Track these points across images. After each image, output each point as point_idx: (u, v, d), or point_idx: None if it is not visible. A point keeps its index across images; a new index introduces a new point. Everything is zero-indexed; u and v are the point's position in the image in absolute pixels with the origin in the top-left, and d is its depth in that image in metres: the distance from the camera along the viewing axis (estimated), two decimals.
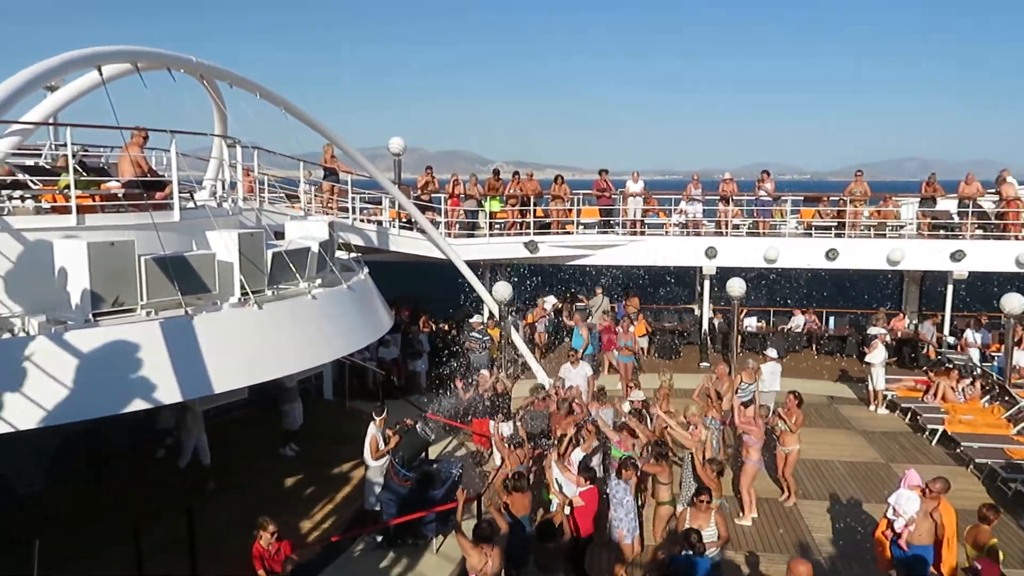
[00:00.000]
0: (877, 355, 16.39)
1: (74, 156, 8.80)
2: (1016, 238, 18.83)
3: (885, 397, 16.62)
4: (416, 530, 10.19)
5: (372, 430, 10.53)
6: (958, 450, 13.60)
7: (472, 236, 19.44)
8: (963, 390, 15.79)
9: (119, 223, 8.72)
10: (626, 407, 11.89)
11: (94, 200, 9.09)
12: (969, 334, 18.19)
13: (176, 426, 12.14)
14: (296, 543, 8.60)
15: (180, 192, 9.65)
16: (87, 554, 8.98)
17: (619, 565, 9.22)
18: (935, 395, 15.84)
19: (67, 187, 8.49)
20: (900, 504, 8.43)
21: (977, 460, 12.83)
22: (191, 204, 10.54)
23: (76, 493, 10.69)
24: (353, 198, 17.19)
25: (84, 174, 9.51)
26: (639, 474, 9.78)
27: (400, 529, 10.08)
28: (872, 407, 16.64)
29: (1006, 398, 15.22)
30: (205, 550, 8.61)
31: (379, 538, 10.18)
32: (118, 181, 9.57)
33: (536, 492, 9.88)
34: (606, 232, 20.07)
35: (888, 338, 19.09)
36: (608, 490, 9.58)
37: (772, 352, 15.31)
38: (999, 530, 10.70)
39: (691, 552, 7.54)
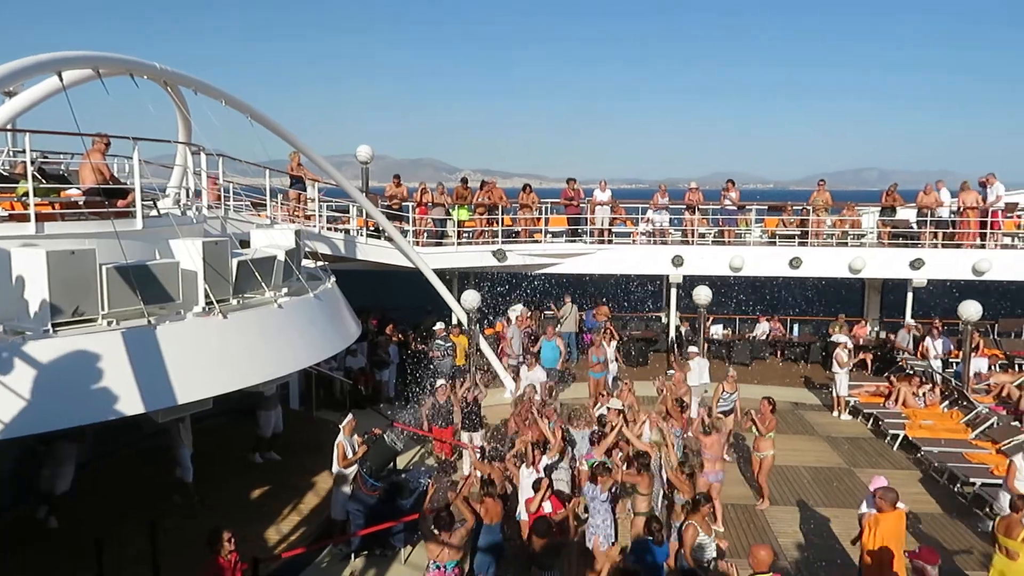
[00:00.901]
0: (839, 362, 16.67)
1: (33, 163, 8.64)
2: (968, 246, 19.28)
3: (848, 403, 16.89)
4: (384, 540, 10.12)
5: (340, 438, 10.46)
6: (918, 455, 13.86)
7: (440, 244, 19.41)
8: (923, 396, 16.12)
9: (80, 231, 8.56)
10: (600, 411, 11.91)
11: (54, 208, 8.92)
12: (929, 342, 18.41)
13: (165, 438, 11.80)
14: (259, 556, 8.47)
15: (143, 200, 9.49)
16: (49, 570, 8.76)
17: (592, 573, 9.19)
18: (896, 401, 16.15)
19: (26, 194, 8.31)
20: (871, 512, 8.54)
21: (936, 464, 13.09)
22: (154, 212, 10.39)
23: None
24: (320, 206, 17.08)
25: (44, 181, 9.32)
26: (616, 485, 9.69)
27: (368, 539, 10.00)
28: (835, 413, 16.90)
29: (964, 403, 15.56)
30: (169, 564, 8.48)
31: (347, 549, 10.09)
32: (79, 188, 9.39)
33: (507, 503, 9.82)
34: (574, 240, 20.18)
35: (850, 345, 19.42)
36: (585, 496, 9.52)
37: (694, 349, 16.67)
38: (955, 533, 10.99)
39: (651, 539, 7.94)
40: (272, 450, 13.14)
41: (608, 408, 12.39)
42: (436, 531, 7.98)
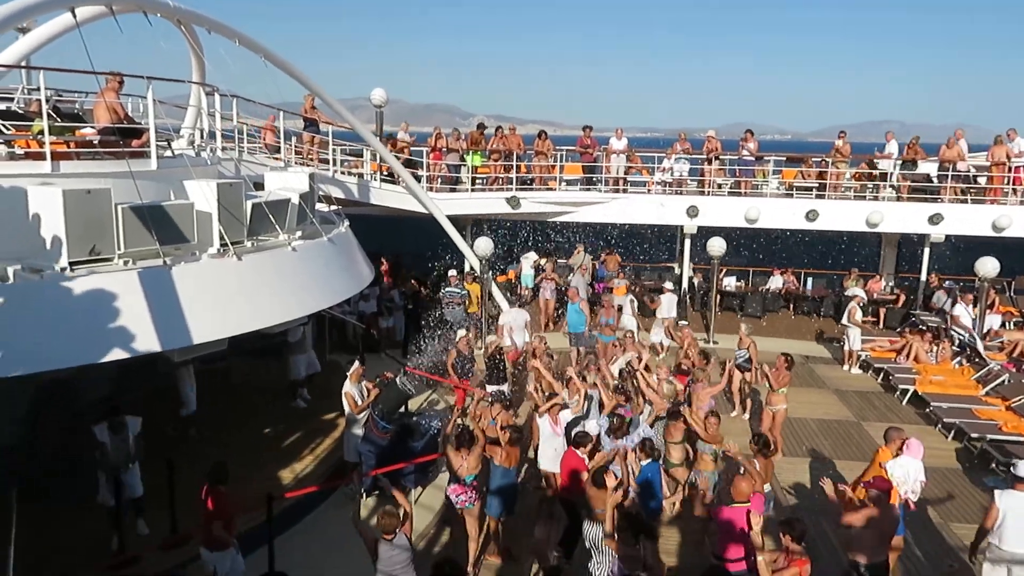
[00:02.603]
0: (851, 318, 16.62)
1: (48, 101, 8.61)
2: (993, 202, 19.02)
3: (859, 357, 16.89)
4: (395, 481, 10.28)
5: (346, 386, 10.59)
6: (927, 410, 13.90)
7: (454, 191, 19.33)
8: (935, 351, 16.08)
9: (95, 171, 8.58)
10: (619, 366, 11.86)
11: (69, 147, 8.92)
12: (960, 309, 17.27)
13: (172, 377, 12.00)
14: (272, 493, 8.67)
15: (157, 140, 9.49)
16: (63, 507, 8.97)
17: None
18: (907, 356, 16.12)
19: (41, 133, 8.32)
20: (907, 472, 8.25)
21: (945, 420, 13.12)
22: (169, 153, 10.37)
23: (55, 445, 10.67)
24: (334, 150, 16.99)
25: (58, 120, 9.31)
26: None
27: (379, 479, 10.19)
28: (846, 367, 16.91)
29: (976, 360, 15.53)
30: (182, 502, 8.72)
31: (359, 488, 10.29)
32: (93, 127, 9.38)
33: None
34: (588, 189, 20.04)
35: (864, 299, 19.34)
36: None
37: (668, 284, 18.18)
38: (963, 487, 11.08)
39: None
40: (304, 389, 13.30)
41: (628, 363, 12.18)
42: (456, 447, 8.60)
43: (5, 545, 6.92)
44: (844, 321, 16.85)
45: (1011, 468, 8.04)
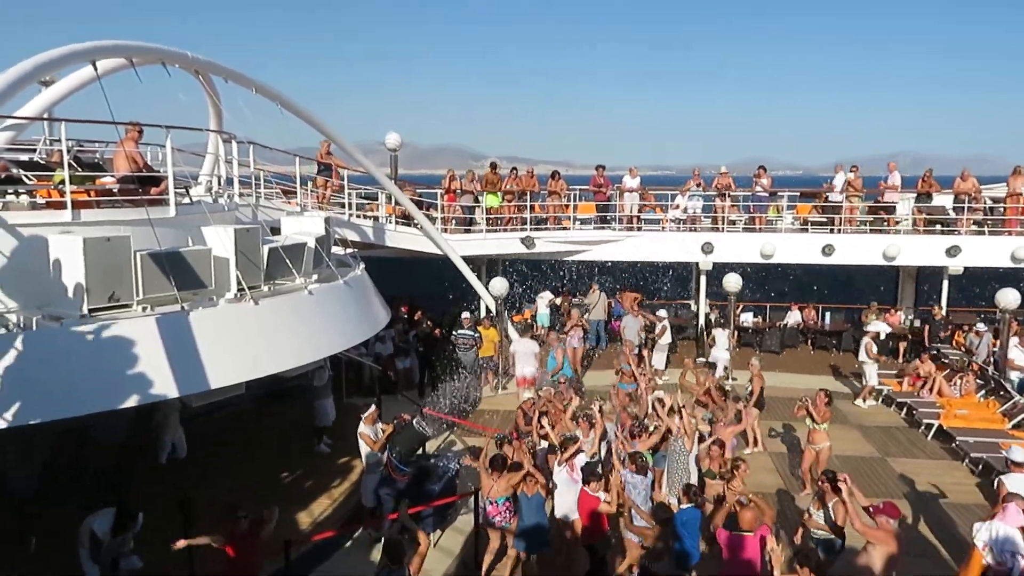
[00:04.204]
0: (864, 353, 16.45)
1: (69, 151, 8.77)
2: (1010, 233, 18.89)
3: (878, 392, 16.67)
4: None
5: (361, 428, 10.56)
6: (953, 445, 13.64)
7: (468, 231, 19.43)
8: (959, 385, 15.84)
9: (114, 218, 8.69)
10: (655, 396, 11.67)
11: (89, 195, 9.06)
12: (1017, 352, 16.21)
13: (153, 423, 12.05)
14: (290, 538, 8.59)
15: (176, 187, 9.62)
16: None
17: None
18: (931, 390, 15.89)
19: (62, 182, 8.46)
20: (993, 536, 7.37)
21: (972, 455, 12.87)
22: (187, 200, 10.51)
23: (67, 488, 10.67)
24: (349, 193, 17.17)
25: (79, 169, 9.47)
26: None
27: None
28: (859, 400, 16.61)
29: (1001, 392, 15.28)
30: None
31: (377, 533, 10.18)
32: (113, 176, 9.54)
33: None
34: (602, 228, 20.10)
35: (884, 333, 19.16)
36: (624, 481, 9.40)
37: (662, 312, 18.62)
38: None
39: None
40: (329, 436, 13.21)
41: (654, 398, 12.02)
42: (490, 471, 8.97)
43: None
44: (861, 357, 16.67)
45: (1007, 453, 9.32)
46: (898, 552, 7.55)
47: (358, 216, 17.68)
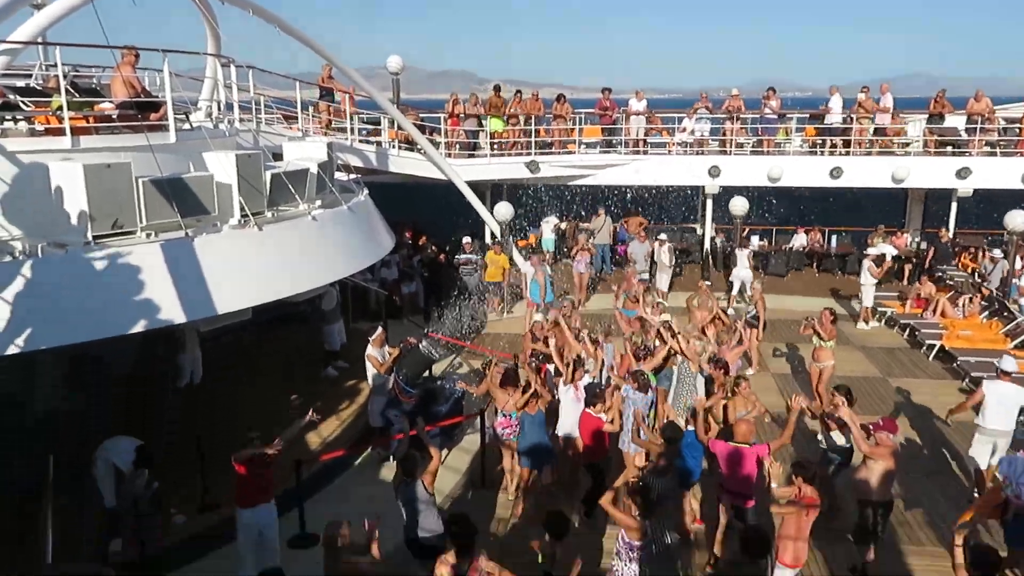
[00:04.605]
0: (867, 275, 16.51)
1: (65, 76, 8.65)
2: (1022, 154, 18.61)
3: (877, 312, 16.84)
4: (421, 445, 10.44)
5: (369, 350, 10.72)
6: (955, 365, 13.77)
7: (472, 156, 19.25)
8: (963, 306, 15.88)
9: (114, 145, 8.64)
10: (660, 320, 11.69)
11: (88, 122, 8.99)
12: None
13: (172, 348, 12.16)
14: (301, 458, 8.82)
15: (175, 113, 9.53)
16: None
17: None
18: (934, 311, 15.95)
19: (60, 108, 8.38)
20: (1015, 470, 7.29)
21: (973, 374, 12.99)
22: (186, 125, 10.42)
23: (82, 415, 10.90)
24: (351, 118, 16.97)
25: (76, 95, 9.37)
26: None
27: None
28: (860, 323, 16.73)
29: (1005, 313, 15.33)
30: (212, 469, 8.91)
31: (386, 452, 10.45)
32: (111, 102, 9.44)
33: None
34: (608, 152, 19.88)
35: (890, 256, 19.13)
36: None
37: (664, 236, 18.44)
38: None
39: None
40: (339, 360, 13.38)
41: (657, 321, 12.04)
42: (503, 385, 9.35)
43: (44, 514, 7.15)
44: (862, 279, 16.70)
45: (997, 361, 9.80)
46: (895, 468, 7.74)
47: (361, 141, 17.52)
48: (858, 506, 7.91)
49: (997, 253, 17.43)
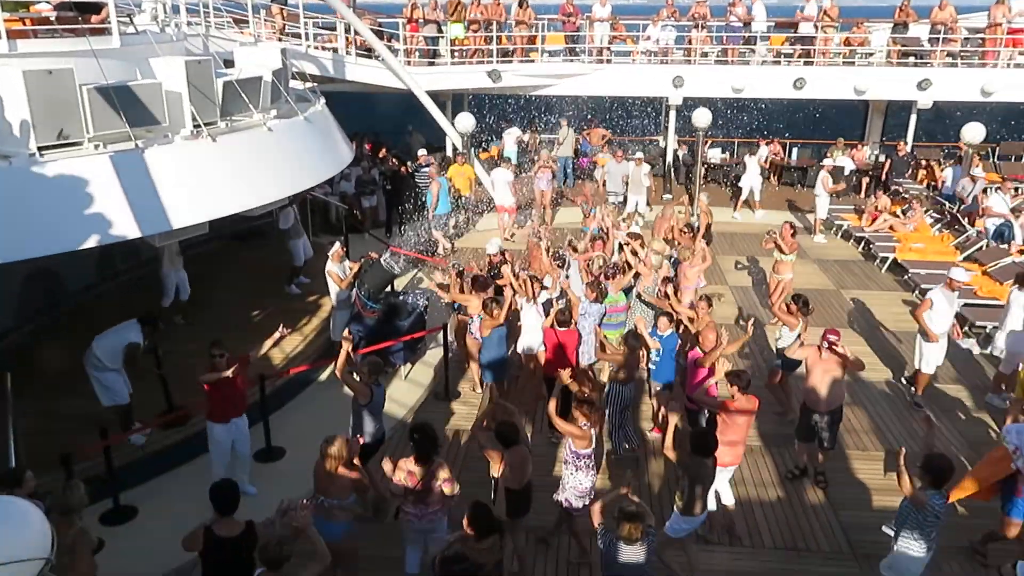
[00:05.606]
0: (820, 187, 16.71)
1: None
2: (984, 65, 18.66)
3: (837, 227, 17.10)
4: (384, 359, 10.50)
5: (328, 266, 10.64)
6: (905, 277, 14.15)
7: (432, 64, 18.70)
8: (905, 214, 16.17)
9: (54, 49, 8.20)
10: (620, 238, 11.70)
11: (24, 24, 8.48)
12: (996, 199, 15.36)
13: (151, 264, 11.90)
14: (264, 373, 8.82)
15: (118, 16, 9.04)
16: (52, 389, 9.08)
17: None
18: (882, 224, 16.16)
19: None
20: None
21: (923, 286, 13.36)
22: (131, 29, 9.91)
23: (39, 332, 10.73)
24: (305, 23, 16.27)
25: None
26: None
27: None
28: (814, 236, 16.99)
29: (956, 227, 15.69)
30: (174, 379, 8.90)
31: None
32: (49, 3, 8.90)
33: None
34: (571, 60, 19.46)
35: (846, 170, 19.34)
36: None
37: (640, 154, 17.62)
38: None
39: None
40: (301, 275, 13.20)
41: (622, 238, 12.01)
42: (473, 291, 9.75)
43: (4, 428, 7.08)
44: (816, 190, 16.88)
45: (948, 272, 10.15)
46: (842, 377, 8.02)
47: (316, 48, 16.88)
48: (803, 410, 8.23)
49: (979, 172, 17.32)
